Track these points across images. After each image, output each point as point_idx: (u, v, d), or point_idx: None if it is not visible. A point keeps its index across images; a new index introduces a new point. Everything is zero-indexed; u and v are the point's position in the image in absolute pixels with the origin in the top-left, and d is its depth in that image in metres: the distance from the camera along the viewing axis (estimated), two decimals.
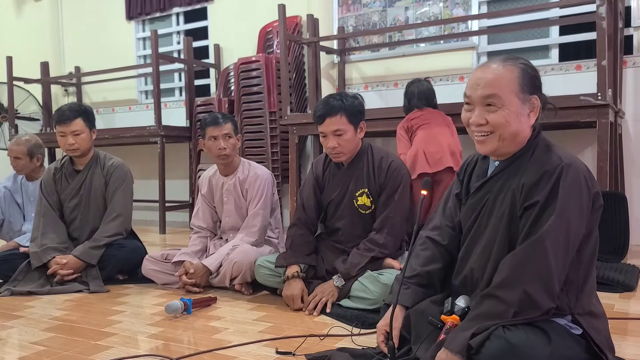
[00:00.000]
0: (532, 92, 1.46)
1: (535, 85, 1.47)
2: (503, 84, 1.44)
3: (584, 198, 1.39)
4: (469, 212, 1.60)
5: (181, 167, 5.68)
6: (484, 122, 1.46)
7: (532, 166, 1.45)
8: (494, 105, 1.44)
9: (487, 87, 1.45)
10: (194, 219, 3.08)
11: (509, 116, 1.44)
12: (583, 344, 1.40)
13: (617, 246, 3.08)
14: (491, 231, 1.51)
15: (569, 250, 1.38)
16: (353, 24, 4.76)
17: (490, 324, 1.32)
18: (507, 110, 1.43)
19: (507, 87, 1.43)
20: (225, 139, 2.82)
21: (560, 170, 1.39)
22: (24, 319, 2.33)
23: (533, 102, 1.46)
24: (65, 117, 2.97)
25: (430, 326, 1.52)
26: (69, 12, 6.52)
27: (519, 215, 1.44)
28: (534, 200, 1.40)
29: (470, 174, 1.65)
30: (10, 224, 3.60)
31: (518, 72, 1.45)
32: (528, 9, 4.03)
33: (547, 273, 1.34)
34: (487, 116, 1.45)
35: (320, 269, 2.50)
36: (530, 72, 1.47)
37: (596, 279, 1.57)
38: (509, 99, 1.43)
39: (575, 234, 1.38)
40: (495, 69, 1.46)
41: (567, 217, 1.36)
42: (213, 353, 1.85)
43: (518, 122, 1.45)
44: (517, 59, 1.49)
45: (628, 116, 3.81)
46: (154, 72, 5.00)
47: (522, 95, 1.44)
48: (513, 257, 1.39)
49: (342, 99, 2.39)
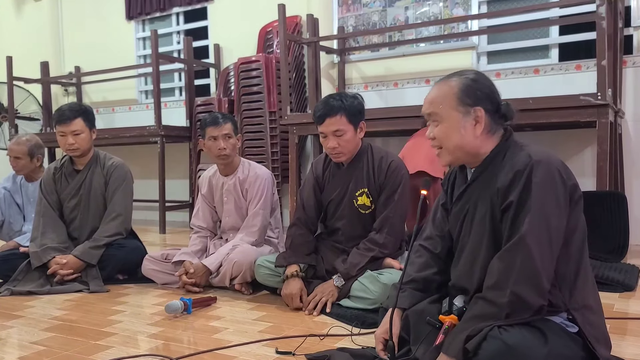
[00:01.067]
0: (475, 104, 1.49)
1: (478, 96, 1.50)
2: (439, 100, 1.53)
3: (560, 192, 1.40)
4: (454, 220, 1.63)
5: (181, 167, 5.69)
6: (432, 137, 1.56)
7: (505, 168, 1.47)
8: (436, 121, 1.54)
9: (427, 105, 1.57)
10: (194, 219, 3.08)
11: (449, 130, 1.51)
12: (580, 342, 1.40)
13: (616, 246, 3.08)
14: (475, 237, 1.53)
15: (552, 245, 1.38)
16: (353, 24, 4.76)
17: (484, 325, 1.33)
18: (446, 125, 1.52)
19: (444, 103, 1.52)
20: (225, 139, 2.82)
21: (531, 167, 1.40)
22: (24, 319, 2.33)
23: (477, 114, 1.49)
24: (65, 117, 2.97)
25: (428, 326, 1.52)
26: (69, 12, 6.52)
27: (500, 218, 1.45)
28: (508, 201, 1.41)
29: (453, 183, 1.68)
30: (10, 225, 3.60)
31: (458, 87, 1.51)
32: (528, 8, 4.03)
33: (532, 271, 1.35)
34: (434, 131, 1.55)
35: (320, 269, 2.50)
36: (473, 85, 1.51)
37: (596, 279, 1.57)
38: (447, 113, 1.52)
39: (557, 228, 1.39)
40: (437, 87, 1.56)
41: (544, 213, 1.37)
42: (213, 353, 1.85)
43: (460, 135, 1.51)
44: (465, 74, 1.54)
45: (628, 116, 3.81)
46: (154, 72, 5.00)
47: (461, 109, 1.50)
48: (498, 260, 1.41)
49: (341, 99, 2.39)
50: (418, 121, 3.66)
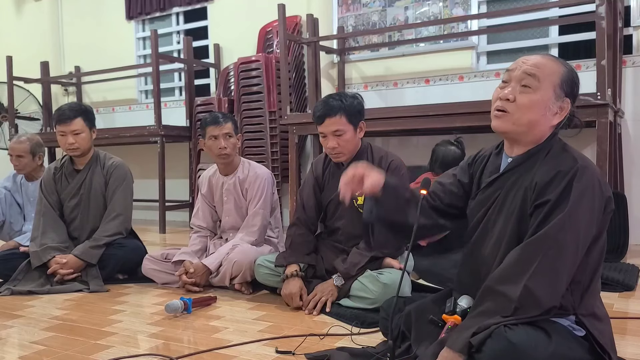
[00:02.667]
0: (567, 96, 1.47)
1: (573, 90, 1.48)
2: (547, 70, 1.45)
3: (596, 200, 1.39)
4: (478, 206, 1.59)
5: (181, 167, 5.69)
6: (512, 99, 1.46)
7: (547, 165, 1.45)
8: (529, 87, 1.45)
9: (532, 66, 1.46)
10: (194, 219, 3.08)
11: (537, 102, 1.44)
12: (586, 345, 1.40)
13: (616, 246, 3.09)
14: (501, 228, 1.51)
15: (579, 249, 1.37)
16: (353, 24, 4.76)
17: (491, 322, 1.32)
18: (538, 96, 1.44)
19: (549, 76, 1.45)
20: (225, 139, 2.83)
21: (575, 171, 1.39)
22: (24, 319, 2.33)
23: (564, 104, 1.47)
24: (65, 116, 2.97)
25: (430, 325, 1.52)
26: (69, 12, 6.52)
27: (530, 213, 1.43)
28: (545, 199, 1.40)
29: (483, 168, 1.64)
30: (10, 225, 3.60)
31: (563, 69, 1.47)
32: (527, 8, 4.03)
33: (551, 270, 1.34)
34: (517, 95, 1.46)
35: (320, 269, 2.50)
36: (573, 77, 1.48)
37: None
38: (545, 86, 1.45)
39: (586, 235, 1.38)
40: (545, 57, 1.48)
41: (578, 217, 1.36)
42: (213, 352, 1.85)
43: (541, 114, 1.45)
44: (566, 63, 1.51)
45: (627, 116, 3.81)
46: (154, 72, 5.00)
47: (558, 91, 1.45)
48: (517, 252, 1.39)
49: (341, 99, 2.39)
50: (418, 121, 3.67)
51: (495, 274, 1.41)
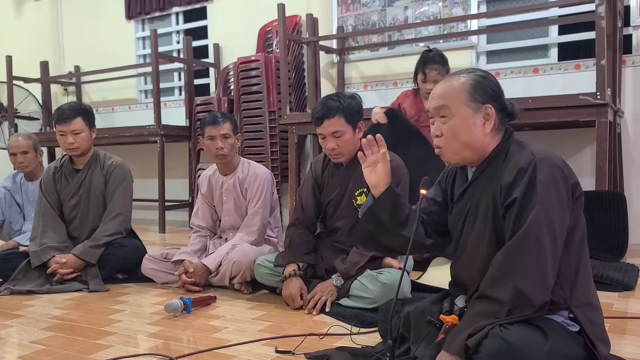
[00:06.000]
0: (485, 101, 1.49)
1: (489, 94, 1.50)
2: (451, 94, 1.50)
3: (562, 189, 1.41)
4: (455, 219, 1.63)
5: (181, 167, 5.69)
6: (439, 134, 1.53)
7: (507, 165, 1.47)
8: (445, 116, 1.51)
9: (437, 99, 1.53)
10: (194, 218, 3.08)
11: (459, 126, 1.49)
12: (581, 341, 1.41)
13: (616, 245, 3.08)
14: (477, 235, 1.53)
15: (557, 241, 1.38)
16: (352, 24, 4.76)
17: (485, 323, 1.33)
18: (456, 121, 1.49)
19: (455, 98, 1.50)
20: (222, 139, 2.82)
21: (534, 165, 1.40)
22: (24, 318, 2.33)
23: (487, 111, 1.49)
24: (65, 116, 2.97)
25: (429, 326, 1.52)
26: (69, 11, 6.52)
27: (502, 215, 1.46)
28: (512, 198, 1.42)
29: (453, 182, 1.68)
30: (10, 225, 3.60)
31: (469, 83, 1.50)
32: (527, 8, 4.03)
33: (535, 267, 1.35)
34: (442, 127, 1.52)
35: (320, 268, 2.50)
36: (483, 82, 1.51)
37: (595, 279, 1.58)
38: (458, 109, 1.49)
39: (560, 225, 1.39)
40: (447, 82, 1.53)
41: (548, 210, 1.37)
42: (213, 352, 1.85)
43: (470, 132, 1.49)
44: (474, 71, 1.54)
45: (627, 115, 3.81)
46: (154, 72, 5.00)
47: (473, 105, 1.49)
48: (501, 255, 1.41)
49: (339, 99, 2.39)
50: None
51: (484, 282, 1.42)
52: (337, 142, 2.38)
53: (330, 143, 2.38)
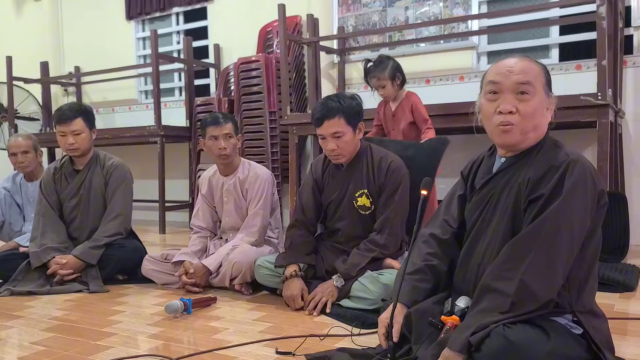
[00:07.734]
0: (551, 90, 1.50)
1: (550, 86, 1.51)
2: (534, 73, 1.46)
3: (589, 194, 1.40)
4: (473, 208, 1.60)
5: (181, 167, 5.68)
6: (514, 110, 1.45)
7: (539, 161, 1.46)
8: (527, 93, 1.44)
9: (522, 73, 1.45)
10: (194, 219, 3.08)
11: (538, 107, 1.45)
12: (584, 344, 1.40)
13: (617, 246, 3.08)
14: (495, 226, 1.51)
15: (573, 242, 1.37)
16: (353, 24, 4.76)
17: (489, 321, 1.32)
18: (536, 101, 1.45)
19: (538, 78, 1.46)
20: (225, 139, 2.82)
21: (567, 165, 1.40)
22: (24, 319, 2.33)
23: (552, 100, 1.50)
24: (65, 116, 2.97)
25: (430, 327, 1.52)
26: (69, 12, 6.52)
27: (524, 208, 1.44)
28: (539, 194, 1.41)
29: (476, 172, 1.65)
30: (10, 225, 3.60)
31: (544, 70, 1.50)
32: (528, 8, 4.02)
33: (545, 263, 1.34)
34: (518, 105, 1.45)
35: (320, 269, 2.49)
36: (548, 72, 1.52)
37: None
38: (539, 89, 1.46)
39: (580, 228, 1.38)
40: (524, 60, 1.48)
41: (571, 211, 1.37)
42: (213, 353, 1.84)
43: (542, 115, 1.47)
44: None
45: (628, 116, 3.81)
46: (154, 72, 5.00)
47: (546, 89, 1.48)
48: (511, 246, 1.40)
49: (339, 100, 2.38)
50: None
51: (490, 271, 1.41)
52: (337, 143, 2.37)
53: (331, 144, 2.38)
